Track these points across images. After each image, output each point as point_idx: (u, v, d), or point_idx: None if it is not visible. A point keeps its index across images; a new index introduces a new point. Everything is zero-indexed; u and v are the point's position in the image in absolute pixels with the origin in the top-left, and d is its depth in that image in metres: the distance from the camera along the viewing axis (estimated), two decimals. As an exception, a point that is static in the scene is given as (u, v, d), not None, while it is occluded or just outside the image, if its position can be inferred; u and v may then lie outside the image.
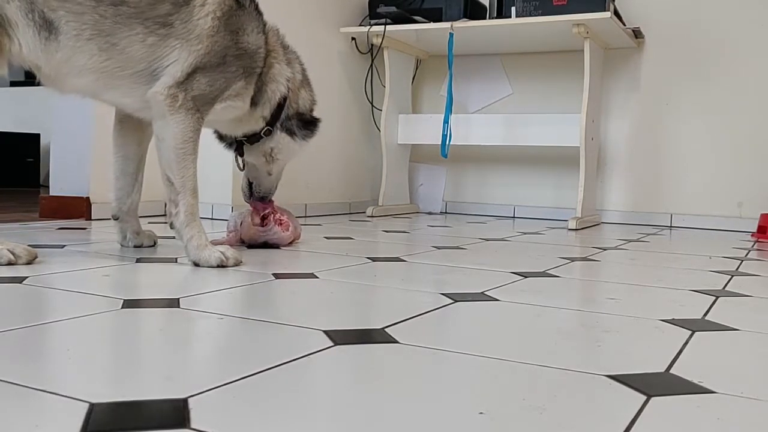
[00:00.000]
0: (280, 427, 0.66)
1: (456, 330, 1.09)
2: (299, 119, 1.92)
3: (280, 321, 1.09)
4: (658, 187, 3.59)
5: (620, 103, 3.65)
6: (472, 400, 0.75)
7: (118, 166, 1.87)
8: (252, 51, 1.71)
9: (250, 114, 1.81)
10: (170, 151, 1.60)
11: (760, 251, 2.47)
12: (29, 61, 1.53)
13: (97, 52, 1.54)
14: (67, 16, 1.49)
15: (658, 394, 0.79)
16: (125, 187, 1.88)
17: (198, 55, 1.60)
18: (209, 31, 1.61)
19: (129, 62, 1.57)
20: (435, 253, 2.04)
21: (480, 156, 3.97)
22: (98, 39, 1.53)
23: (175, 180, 1.62)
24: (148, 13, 1.56)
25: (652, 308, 1.32)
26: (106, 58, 1.55)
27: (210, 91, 1.63)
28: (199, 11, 1.61)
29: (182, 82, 1.59)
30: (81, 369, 0.83)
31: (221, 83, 1.64)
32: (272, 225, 1.99)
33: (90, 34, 1.52)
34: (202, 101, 1.62)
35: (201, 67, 1.60)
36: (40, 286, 1.32)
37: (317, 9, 3.45)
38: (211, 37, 1.61)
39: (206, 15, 1.61)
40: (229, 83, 1.67)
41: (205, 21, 1.61)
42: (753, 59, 3.38)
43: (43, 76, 1.58)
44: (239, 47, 1.68)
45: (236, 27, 1.67)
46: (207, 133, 2.79)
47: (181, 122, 1.59)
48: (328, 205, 3.58)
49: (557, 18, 3.14)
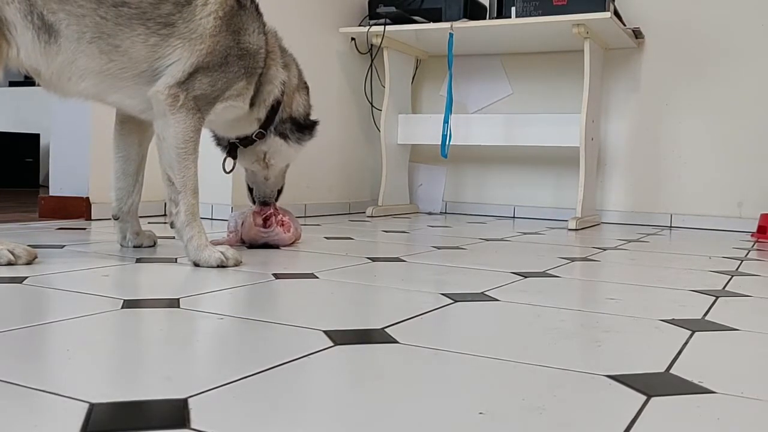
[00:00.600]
0: (280, 427, 0.66)
1: (456, 330, 1.09)
2: (293, 123, 1.91)
3: (280, 321, 1.09)
4: (658, 187, 3.59)
5: (620, 103, 3.65)
6: (472, 400, 0.75)
7: (118, 167, 1.87)
8: (254, 51, 1.71)
9: (247, 115, 1.81)
10: (171, 151, 1.60)
11: (760, 251, 2.47)
12: (28, 66, 1.52)
13: (99, 55, 1.53)
14: (68, 18, 1.49)
15: (658, 394, 0.79)
16: (126, 187, 1.88)
17: (200, 54, 1.59)
18: (211, 30, 1.61)
19: (132, 63, 1.56)
20: (435, 253, 2.04)
21: (480, 156, 3.97)
22: (100, 41, 1.52)
23: (176, 180, 1.62)
24: (150, 14, 1.55)
25: (652, 308, 1.32)
26: (109, 60, 1.54)
27: (212, 91, 1.63)
28: (201, 11, 1.60)
29: (183, 82, 1.58)
30: (81, 369, 0.83)
31: (223, 83, 1.64)
32: (274, 226, 1.99)
33: (91, 36, 1.51)
34: (204, 101, 1.62)
35: (203, 67, 1.60)
36: (40, 286, 1.32)
37: (317, 9, 3.45)
38: (213, 36, 1.61)
39: (208, 15, 1.61)
40: (231, 83, 1.67)
41: (207, 21, 1.60)
42: (753, 59, 3.38)
43: (43, 80, 1.57)
44: (241, 47, 1.67)
45: (238, 27, 1.67)
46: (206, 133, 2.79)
47: (182, 122, 1.59)
48: (328, 205, 3.58)
49: (557, 18, 3.14)
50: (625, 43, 3.49)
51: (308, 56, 3.45)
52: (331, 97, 3.58)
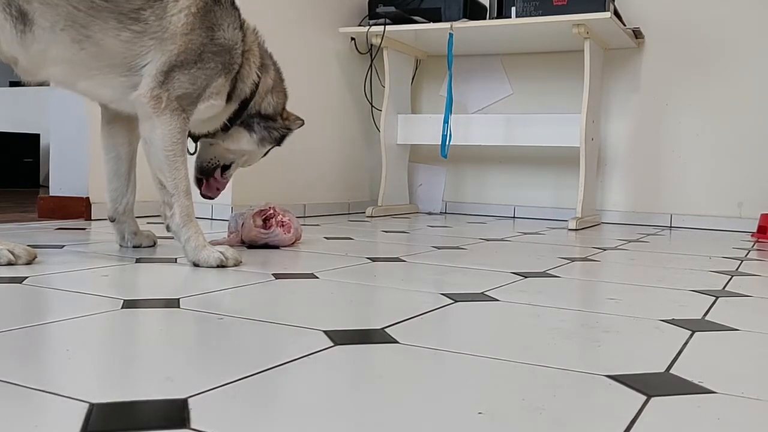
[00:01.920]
0: (280, 427, 0.66)
1: (456, 330, 1.09)
2: (261, 118, 1.89)
3: (280, 321, 1.09)
4: (658, 187, 3.59)
5: (620, 103, 3.65)
6: (471, 400, 0.75)
7: (110, 167, 1.87)
8: (230, 47, 1.69)
9: (221, 112, 1.79)
10: (159, 154, 1.60)
11: (760, 251, 2.47)
12: (7, 55, 1.54)
13: (71, 44, 1.54)
14: (41, 8, 1.50)
15: (658, 394, 0.79)
16: (120, 187, 1.88)
17: (174, 53, 1.58)
18: (183, 28, 1.59)
19: (104, 54, 1.56)
20: (435, 253, 2.04)
21: (480, 156, 3.97)
22: (71, 30, 1.52)
23: (167, 182, 1.61)
24: (122, 7, 1.55)
25: (652, 308, 1.32)
26: (80, 48, 1.55)
27: (193, 89, 1.62)
28: (172, 7, 1.58)
29: (163, 82, 1.57)
30: (81, 369, 0.83)
31: (202, 81, 1.63)
32: (275, 227, 1.99)
33: (64, 25, 1.52)
34: (187, 101, 1.61)
35: (179, 65, 1.59)
36: (40, 286, 1.32)
37: (316, 9, 3.45)
38: (185, 35, 1.59)
39: (179, 11, 1.59)
40: (210, 80, 1.65)
41: (179, 18, 1.59)
42: (753, 59, 3.38)
43: (20, 69, 1.58)
44: (216, 43, 1.65)
45: (212, 23, 1.65)
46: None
47: (168, 123, 1.59)
48: (328, 205, 3.58)
49: (557, 18, 3.14)
50: (625, 43, 3.49)
51: (308, 56, 3.46)
52: (330, 97, 3.58)
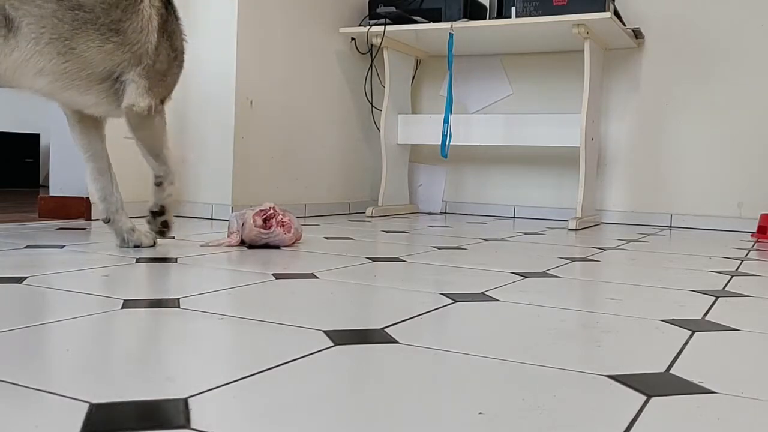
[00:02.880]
0: (280, 427, 0.66)
1: (456, 330, 1.09)
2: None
3: (280, 321, 1.09)
4: (658, 187, 3.59)
5: (620, 103, 3.65)
6: (471, 400, 0.75)
7: (92, 166, 1.90)
8: (182, 50, 1.88)
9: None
10: (155, 141, 1.83)
11: (760, 251, 2.47)
12: None
13: (56, 56, 1.58)
14: (27, 18, 1.52)
15: (658, 394, 0.79)
16: (106, 185, 1.90)
17: (149, 67, 1.72)
18: (156, 43, 1.74)
19: (88, 65, 1.63)
20: (435, 253, 2.04)
21: (480, 156, 3.97)
22: (57, 43, 1.57)
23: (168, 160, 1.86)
24: (102, 19, 1.62)
25: (652, 308, 1.32)
26: (65, 61, 1.59)
27: (168, 92, 1.84)
28: (147, 22, 1.72)
29: (149, 89, 1.73)
30: (81, 369, 0.83)
31: (171, 81, 1.84)
32: (275, 228, 1.99)
33: (49, 37, 1.55)
34: (165, 99, 1.84)
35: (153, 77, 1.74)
36: (40, 286, 1.32)
37: (317, 9, 3.45)
38: (156, 49, 1.74)
39: (149, 20, 1.72)
40: (175, 80, 1.86)
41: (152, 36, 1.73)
42: (753, 59, 3.38)
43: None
44: (175, 49, 1.84)
45: (171, 30, 1.82)
46: (207, 134, 2.79)
47: (159, 123, 1.81)
48: (328, 205, 3.58)
49: (557, 18, 3.14)
50: (625, 43, 3.49)
51: (308, 56, 3.46)
52: (331, 97, 3.58)
